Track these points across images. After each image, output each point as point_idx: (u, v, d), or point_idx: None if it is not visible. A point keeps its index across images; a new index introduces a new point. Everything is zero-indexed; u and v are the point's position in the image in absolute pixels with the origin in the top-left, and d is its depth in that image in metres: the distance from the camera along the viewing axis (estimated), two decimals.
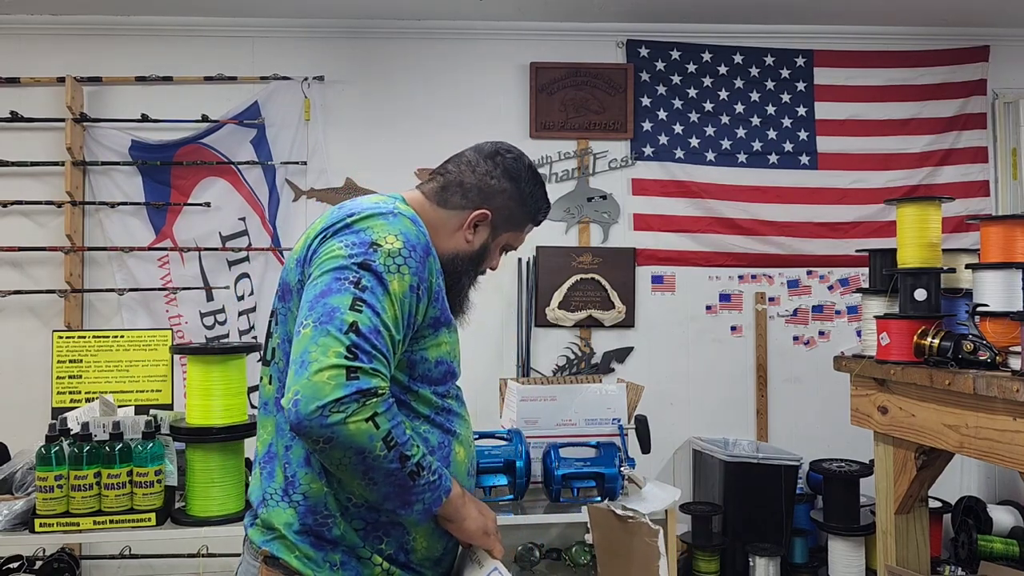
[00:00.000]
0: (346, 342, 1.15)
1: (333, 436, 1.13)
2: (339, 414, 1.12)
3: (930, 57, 3.94)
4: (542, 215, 1.53)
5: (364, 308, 1.18)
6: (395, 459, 1.18)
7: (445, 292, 1.37)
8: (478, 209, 1.43)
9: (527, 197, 1.47)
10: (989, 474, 3.79)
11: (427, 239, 1.31)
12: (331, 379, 1.12)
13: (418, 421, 1.32)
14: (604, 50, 3.89)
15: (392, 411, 1.19)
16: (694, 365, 3.85)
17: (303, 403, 1.12)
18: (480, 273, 1.51)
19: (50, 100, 3.61)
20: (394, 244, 1.24)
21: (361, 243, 1.24)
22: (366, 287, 1.20)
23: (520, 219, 1.49)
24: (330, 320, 1.16)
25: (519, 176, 1.46)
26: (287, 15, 3.70)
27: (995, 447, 1.88)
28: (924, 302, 2.20)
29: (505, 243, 1.51)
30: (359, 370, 1.14)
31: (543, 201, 1.52)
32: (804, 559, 3.48)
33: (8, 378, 3.54)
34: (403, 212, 1.32)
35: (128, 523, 2.07)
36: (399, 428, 1.20)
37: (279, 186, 3.70)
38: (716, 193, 3.85)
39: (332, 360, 1.13)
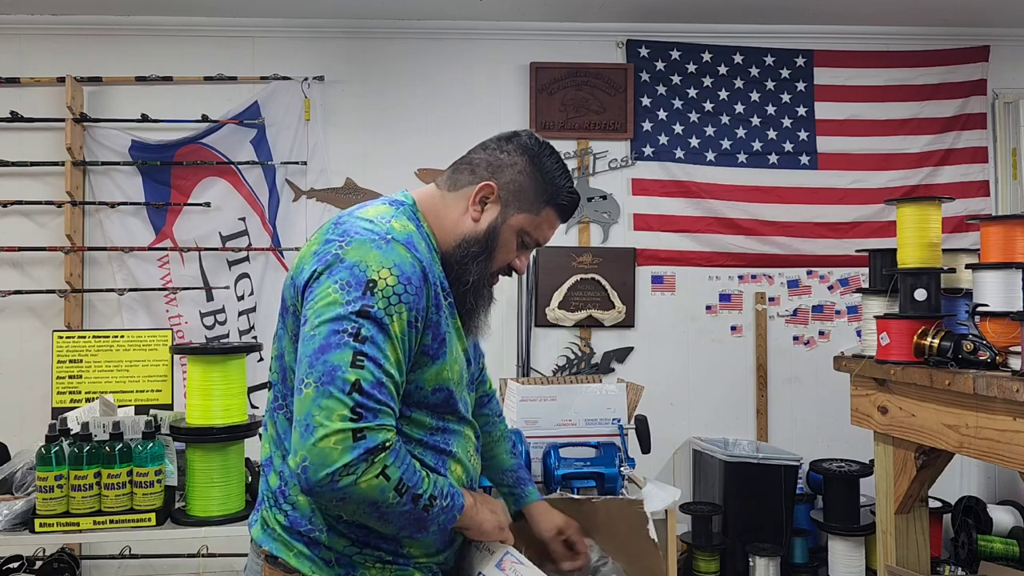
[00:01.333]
0: (350, 403, 1.13)
1: (346, 496, 1.14)
2: (350, 476, 1.12)
3: (930, 57, 3.94)
4: (564, 198, 1.40)
5: (366, 363, 1.16)
6: (408, 502, 1.19)
7: (455, 298, 1.35)
8: (484, 182, 1.36)
9: (542, 173, 1.38)
10: (989, 474, 3.79)
11: (423, 265, 1.25)
12: (338, 443, 1.12)
13: (410, 446, 1.30)
14: (604, 50, 3.89)
15: (400, 457, 1.19)
16: (694, 365, 3.85)
17: (312, 471, 1.12)
18: (501, 273, 1.43)
19: (50, 100, 3.61)
20: (389, 279, 1.19)
21: (357, 283, 1.18)
22: (366, 338, 1.16)
23: (533, 198, 1.38)
24: (332, 381, 1.14)
25: (533, 150, 1.39)
26: (287, 15, 3.70)
27: (995, 447, 1.88)
28: (924, 302, 2.20)
29: (520, 229, 1.38)
30: (365, 430, 1.13)
31: (563, 181, 1.40)
32: (804, 559, 3.48)
33: (8, 378, 3.54)
34: (397, 236, 1.25)
35: (128, 523, 2.07)
36: (408, 471, 1.20)
37: (279, 186, 3.70)
38: (716, 193, 3.85)
39: (337, 424, 1.12)
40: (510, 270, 1.44)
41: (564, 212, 1.43)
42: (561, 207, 1.41)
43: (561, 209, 1.42)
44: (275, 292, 3.65)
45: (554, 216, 1.41)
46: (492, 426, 1.67)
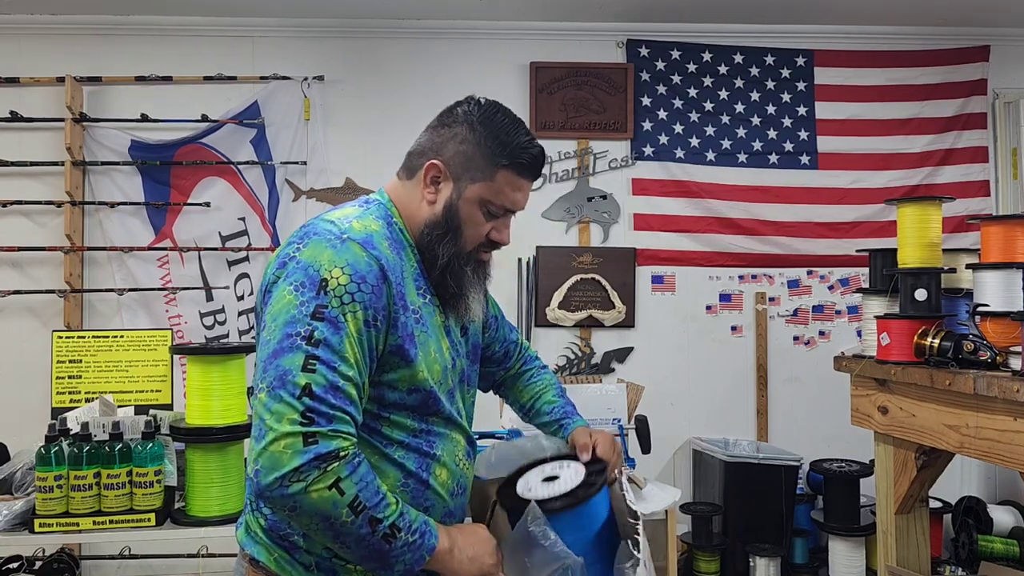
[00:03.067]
0: (300, 407, 1.10)
1: (296, 505, 1.10)
2: (299, 483, 1.09)
3: (930, 57, 3.94)
4: (517, 156, 1.30)
5: (318, 366, 1.12)
6: (364, 524, 1.13)
7: (436, 285, 1.32)
8: (429, 161, 1.31)
9: (488, 136, 1.30)
10: (989, 474, 3.79)
11: (381, 263, 1.21)
12: (287, 447, 1.09)
13: (391, 448, 1.26)
14: (604, 50, 3.88)
15: (359, 472, 1.13)
16: (694, 365, 3.85)
17: (263, 474, 1.09)
18: (484, 249, 1.37)
19: (50, 100, 3.61)
20: (341, 279, 1.16)
21: (311, 283, 1.16)
22: (319, 341, 1.13)
23: (484, 164, 1.30)
24: (282, 385, 1.11)
25: (473, 116, 1.31)
26: (287, 15, 3.70)
27: (995, 447, 1.88)
28: (924, 302, 2.20)
29: (479, 199, 1.31)
30: (317, 435, 1.10)
31: (514, 138, 1.30)
32: (804, 559, 3.47)
33: (8, 378, 3.54)
34: (354, 236, 1.21)
35: (128, 523, 2.07)
36: (368, 490, 1.14)
37: (279, 186, 3.69)
38: (716, 193, 3.85)
39: (287, 428, 1.09)
40: (493, 244, 1.38)
41: (523, 170, 1.32)
42: (518, 166, 1.31)
43: (518, 168, 1.32)
44: None
45: (513, 177, 1.32)
46: (536, 378, 1.66)
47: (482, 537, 1.30)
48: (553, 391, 1.65)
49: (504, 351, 1.65)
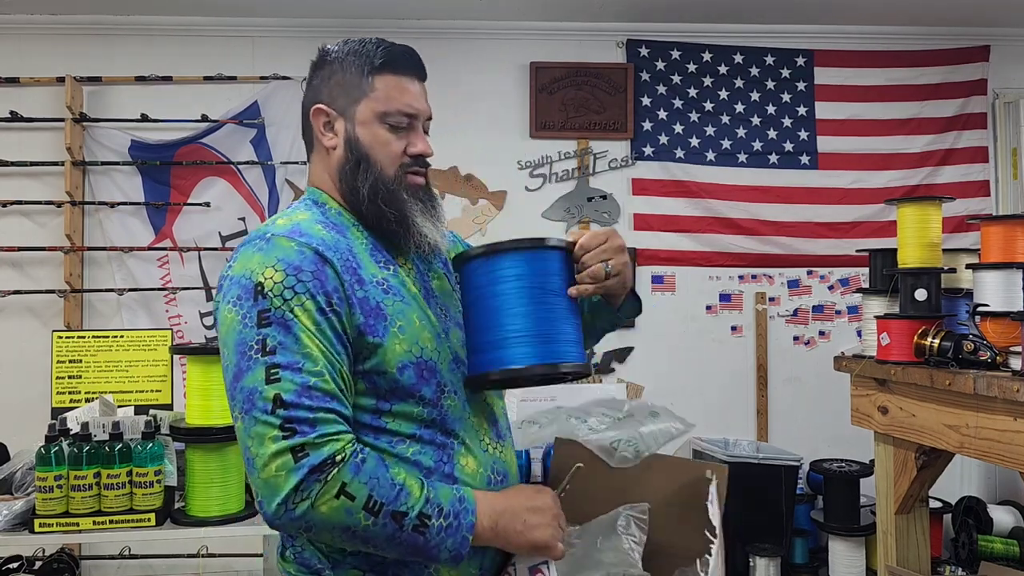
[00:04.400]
0: (277, 422, 1.03)
1: (310, 524, 1.04)
2: (305, 502, 1.02)
3: (930, 57, 3.94)
4: (389, 53, 1.25)
5: (281, 372, 1.05)
6: (388, 522, 1.05)
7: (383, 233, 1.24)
8: (312, 109, 1.26)
9: (347, 57, 1.25)
10: (989, 474, 3.79)
11: (314, 247, 1.13)
12: (279, 469, 1.02)
13: (404, 444, 1.15)
14: (604, 50, 3.88)
15: (366, 471, 1.05)
16: (694, 365, 3.85)
17: (266, 503, 1.04)
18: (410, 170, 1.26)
19: (50, 100, 3.61)
20: (276, 276, 1.09)
21: (246, 294, 1.10)
22: (274, 347, 1.06)
23: (357, 79, 1.24)
24: (252, 405, 1.05)
25: (327, 54, 1.28)
26: (287, 15, 3.70)
27: (995, 447, 1.88)
28: (924, 302, 2.20)
29: (373, 116, 1.24)
30: (305, 446, 1.02)
31: (372, 46, 1.26)
32: (804, 559, 3.47)
33: (8, 378, 3.54)
34: (277, 231, 1.15)
35: (128, 523, 2.06)
36: (381, 486, 1.06)
37: (279, 186, 3.69)
38: (716, 193, 3.85)
39: (272, 448, 1.02)
40: (418, 160, 1.27)
41: (397, 65, 1.26)
42: (389, 63, 1.25)
43: (391, 65, 1.25)
44: None
45: (392, 77, 1.25)
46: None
47: (537, 505, 1.19)
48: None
49: None
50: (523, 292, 1.18)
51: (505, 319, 1.18)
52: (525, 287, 1.18)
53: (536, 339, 1.17)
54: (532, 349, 1.17)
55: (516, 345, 1.17)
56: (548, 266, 1.20)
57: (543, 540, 1.17)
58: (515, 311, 1.18)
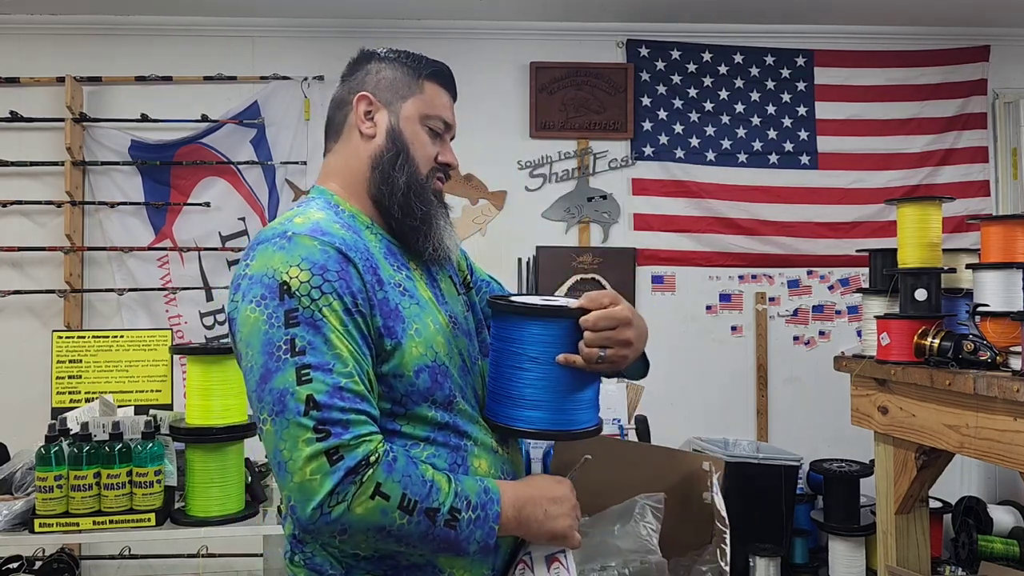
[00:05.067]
0: (311, 424, 1.01)
1: (346, 527, 1.03)
2: (341, 504, 1.01)
3: (930, 57, 3.94)
4: (429, 66, 1.31)
5: (312, 373, 1.03)
6: (422, 519, 1.05)
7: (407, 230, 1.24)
8: (356, 96, 1.27)
9: (397, 58, 1.30)
10: (989, 474, 3.79)
11: (337, 246, 1.11)
12: (315, 472, 1.01)
13: (418, 448, 1.15)
14: (604, 50, 3.89)
15: (398, 469, 1.05)
16: (694, 365, 3.85)
17: (300, 508, 1.02)
18: (438, 176, 1.30)
19: (50, 100, 3.61)
20: (302, 276, 1.07)
21: (271, 293, 1.07)
22: (304, 347, 1.04)
23: (408, 79, 1.28)
24: (284, 408, 1.03)
25: (376, 53, 1.31)
26: (287, 15, 3.70)
27: (995, 447, 1.88)
28: (924, 302, 2.20)
29: (419, 115, 1.27)
30: (340, 448, 1.01)
31: (418, 56, 1.31)
32: (804, 559, 3.47)
33: (8, 378, 3.54)
34: (298, 229, 1.12)
35: (128, 523, 2.06)
36: (413, 484, 1.06)
37: (279, 186, 3.69)
38: (716, 193, 3.85)
39: (306, 451, 1.01)
40: (444, 168, 1.30)
41: (443, 79, 1.32)
42: (438, 74, 1.31)
43: (439, 77, 1.31)
44: None
45: (438, 88, 1.31)
46: None
47: (557, 495, 1.20)
48: None
49: None
50: (537, 361, 1.19)
51: (518, 382, 1.20)
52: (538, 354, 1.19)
53: (548, 407, 1.20)
54: (545, 416, 1.20)
55: (530, 409, 1.20)
56: (560, 335, 1.20)
57: (562, 529, 1.18)
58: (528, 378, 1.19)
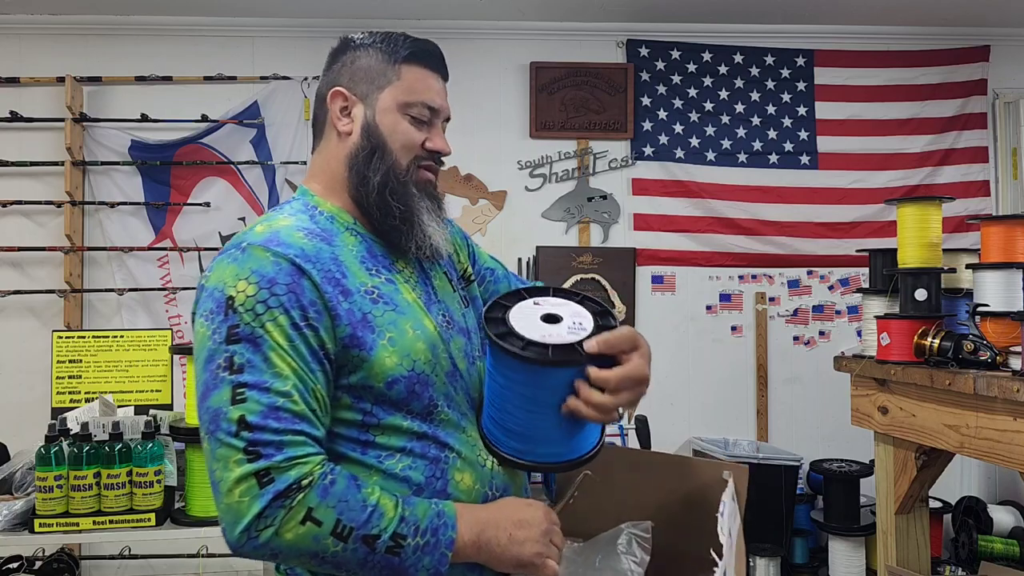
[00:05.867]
0: (241, 445, 0.98)
1: (276, 551, 0.99)
2: (268, 529, 0.98)
3: (930, 57, 3.94)
4: (417, 44, 1.21)
5: (247, 392, 1.00)
6: (359, 546, 1.00)
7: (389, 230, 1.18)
8: (331, 92, 1.21)
9: (373, 45, 1.21)
10: (989, 474, 3.79)
11: (291, 258, 1.07)
12: (243, 495, 0.97)
13: (393, 459, 1.09)
14: (604, 50, 3.89)
15: (334, 494, 1.00)
16: (694, 365, 3.85)
17: (229, 531, 0.99)
18: (425, 164, 1.21)
19: (50, 100, 3.61)
20: (248, 290, 1.04)
21: (218, 308, 1.04)
22: (242, 365, 1.01)
23: (383, 66, 1.20)
24: (217, 427, 1.00)
25: (351, 41, 1.24)
26: (287, 15, 3.70)
27: (995, 447, 1.88)
28: (924, 302, 2.20)
29: (397, 104, 1.19)
30: (271, 470, 0.98)
31: (398, 36, 1.22)
32: (804, 559, 3.47)
33: (8, 378, 3.54)
34: (254, 240, 1.09)
35: (128, 523, 2.06)
36: (351, 508, 1.00)
37: (279, 186, 3.69)
38: (716, 193, 3.85)
39: (236, 472, 0.98)
40: (432, 155, 1.22)
41: (425, 57, 1.22)
42: (418, 54, 1.21)
43: (419, 56, 1.21)
44: None
45: (419, 69, 1.21)
46: None
47: (524, 518, 1.11)
48: None
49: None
50: (539, 404, 1.11)
51: (518, 418, 1.13)
52: (542, 399, 1.11)
53: (551, 441, 1.15)
54: (547, 450, 1.15)
55: (531, 443, 1.14)
56: (567, 380, 1.10)
57: (528, 557, 1.10)
58: (530, 418, 1.13)
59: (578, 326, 1.12)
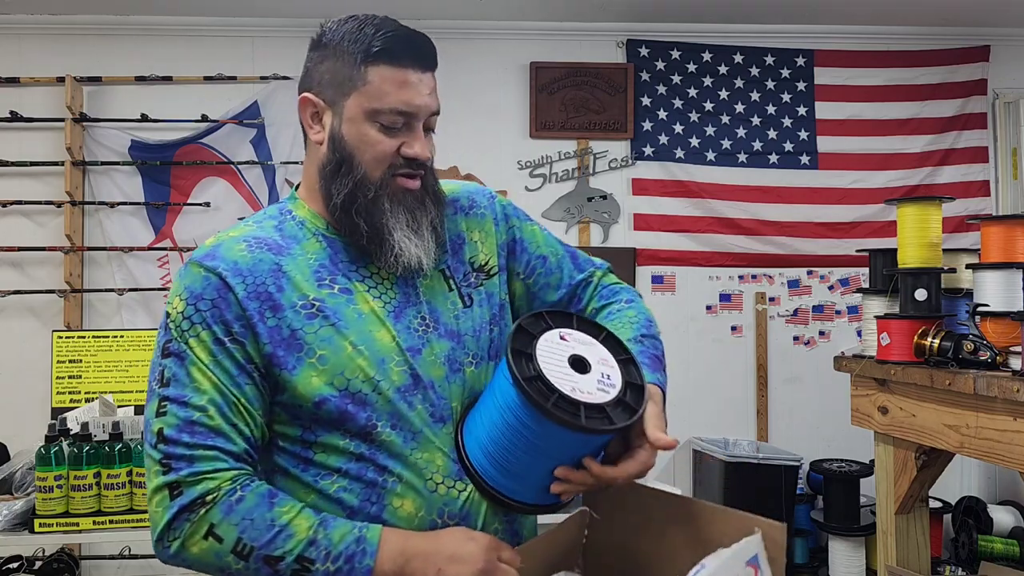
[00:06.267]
0: (158, 456, 1.00)
1: (186, 563, 1.01)
2: (176, 541, 0.99)
3: (930, 57, 3.94)
4: (386, 41, 1.10)
5: (168, 406, 1.02)
6: (260, 566, 0.98)
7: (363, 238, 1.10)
8: (299, 99, 1.15)
9: (339, 43, 1.12)
10: (989, 474, 3.79)
11: (219, 272, 1.05)
12: (158, 505, 1.00)
13: (329, 480, 1.06)
14: (604, 50, 3.88)
15: (238, 511, 0.98)
16: (694, 365, 3.85)
17: (151, 538, 1.02)
18: (401, 172, 1.11)
19: (50, 100, 3.61)
20: (179, 306, 1.06)
21: (162, 323, 1.09)
22: (169, 379, 1.03)
23: (348, 70, 1.10)
24: (145, 437, 1.04)
25: (317, 39, 1.17)
26: (287, 15, 3.70)
27: (995, 447, 1.88)
28: (924, 302, 2.20)
29: (363, 112, 1.09)
30: (180, 483, 0.99)
31: (368, 30, 1.11)
32: (804, 559, 3.47)
33: (8, 378, 3.54)
34: (196, 255, 1.09)
35: (128, 523, 2.07)
36: (254, 528, 0.98)
37: (279, 186, 3.69)
38: (716, 193, 3.85)
39: (154, 483, 1.01)
40: (410, 162, 1.11)
41: (394, 56, 1.10)
42: (385, 53, 1.09)
43: (387, 55, 1.09)
44: None
45: (389, 70, 1.09)
46: (613, 317, 1.28)
47: (459, 553, 1.01)
48: (631, 331, 1.23)
49: (569, 295, 1.31)
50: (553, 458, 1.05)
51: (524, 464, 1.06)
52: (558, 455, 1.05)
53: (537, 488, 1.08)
54: (533, 493, 1.09)
55: (527, 486, 1.08)
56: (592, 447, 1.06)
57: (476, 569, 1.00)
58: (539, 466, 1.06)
59: (606, 380, 1.04)
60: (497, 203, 1.32)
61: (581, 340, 1.08)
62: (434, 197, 1.17)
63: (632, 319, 1.28)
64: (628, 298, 1.35)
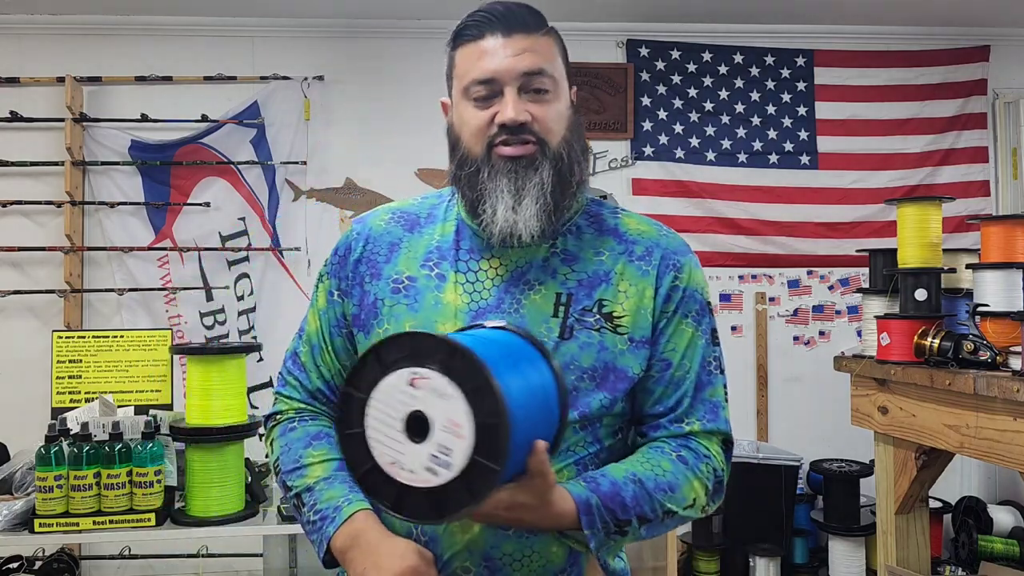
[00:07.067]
0: (281, 369, 1.25)
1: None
2: (266, 433, 1.24)
3: (930, 57, 3.94)
4: (459, 26, 1.13)
5: (298, 333, 1.24)
6: (281, 484, 1.15)
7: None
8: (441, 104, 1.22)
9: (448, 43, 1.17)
10: (989, 474, 3.79)
11: (355, 232, 1.19)
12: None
13: None
14: (604, 50, 3.88)
15: (288, 437, 1.16)
16: None
17: None
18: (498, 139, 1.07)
19: (50, 100, 3.61)
20: (329, 254, 1.24)
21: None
22: (306, 313, 1.25)
23: (448, 64, 1.17)
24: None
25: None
26: (287, 15, 3.70)
27: (995, 447, 1.88)
28: (924, 302, 2.20)
29: (458, 92, 1.12)
30: (277, 395, 1.23)
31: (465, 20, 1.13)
32: (804, 559, 3.47)
33: (8, 378, 3.54)
34: (356, 218, 1.28)
35: (128, 523, 2.07)
36: (288, 455, 1.13)
37: (279, 186, 3.69)
38: (716, 193, 3.85)
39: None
40: (503, 129, 1.07)
41: (471, 30, 1.11)
42: (459, 36, 1.12)
43: (461, 35, 1.12)
44: (275, 292, 3.65)
45: (466, 50, 1.10)
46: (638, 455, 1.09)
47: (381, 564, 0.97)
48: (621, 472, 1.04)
49: (641, 413, 1.13)
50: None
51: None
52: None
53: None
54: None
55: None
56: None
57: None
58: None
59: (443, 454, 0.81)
60: (669, 277, 1.12)
61: (437, 387, 0.82)
62: (555, 162, 1.09)
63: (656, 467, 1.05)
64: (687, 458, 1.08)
